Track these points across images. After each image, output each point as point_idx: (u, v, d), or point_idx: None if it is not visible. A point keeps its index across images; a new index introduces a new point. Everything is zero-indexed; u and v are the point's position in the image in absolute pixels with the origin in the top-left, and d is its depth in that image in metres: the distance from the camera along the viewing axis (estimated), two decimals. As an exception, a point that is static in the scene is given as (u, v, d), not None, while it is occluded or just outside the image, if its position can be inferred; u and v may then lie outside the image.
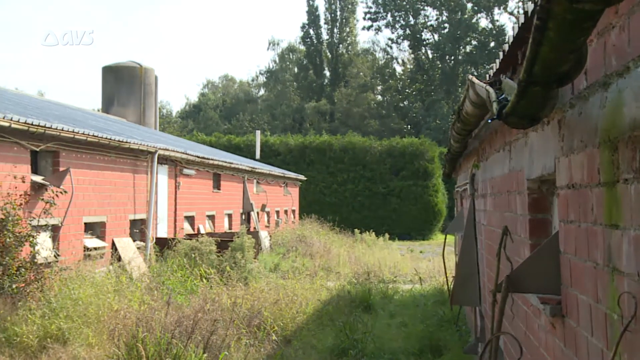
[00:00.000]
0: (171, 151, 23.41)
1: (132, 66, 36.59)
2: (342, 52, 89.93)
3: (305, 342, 13.57)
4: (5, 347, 11.53)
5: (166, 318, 11.52)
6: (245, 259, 19.69)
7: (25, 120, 14.49)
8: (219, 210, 30.57)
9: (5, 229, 13.39)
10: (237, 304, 13.80)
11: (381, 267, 25.73)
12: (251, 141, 55.11)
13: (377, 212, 53.49)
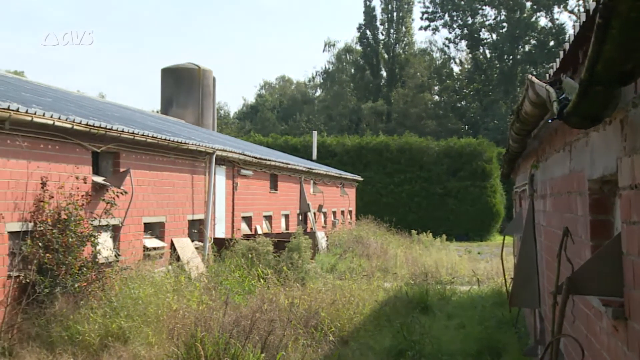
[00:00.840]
0: (229, 152, 23.57)
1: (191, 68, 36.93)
2: (398, 52, 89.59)
3: (362, 342, 13.55)
4: (68, 345, 11.73)
5: (224, 318, 11.60)
6: (302, 260, 19.74)
7: (87, 122, 14.73)
8: (276, 210, 30.68)
9: (68, 229, 13.63)
10: (294, 304, 13.84)
11: (438, 268, 25.57)
12: (308, 142, 55.21)
13: (434, 213, 53.16)
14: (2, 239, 12.69)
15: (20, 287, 12.98)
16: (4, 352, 11.73)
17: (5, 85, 18.42)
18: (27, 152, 13.34)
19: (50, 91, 22.81)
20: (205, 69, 37.18)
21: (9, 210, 12.86)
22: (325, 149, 55.26)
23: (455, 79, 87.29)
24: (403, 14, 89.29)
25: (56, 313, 12.48)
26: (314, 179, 37.42)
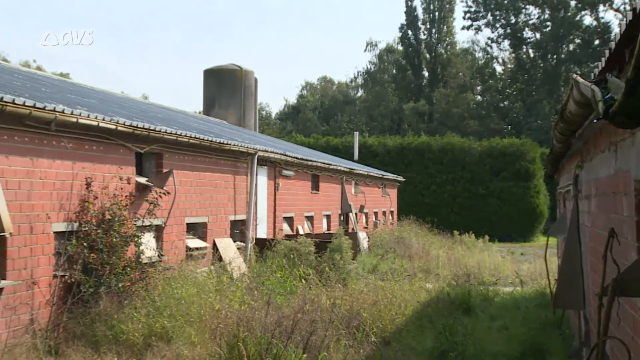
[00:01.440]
0: (270, 152, 23.64)
1: (233, 69, 37.10)
2: (440, 52, 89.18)
3: (404, 343, 13.50)
4: (113, 344, 11.85)
5: (266, 318, 11.63)
6: (343, 260, 19.72)
7: (130, 123, 14.86)
8: (317, 211, 30.71)
9: (112, 229, 13.77)
10: (336, 304, 13.83)
11: (481, 269, 25.39)
12: (349, 142, 55.19)
13: (476, 213, 52.84)
14: (48, 238, 12.87)
15: (65, 287, 13.14)
16: (50, 350, 11.89)
17: (51, 87, 18.67)
18: (72, 153, 13.50)
19: (94, 92, 23.07)
20: (247, 69, 37.33)
21: (55, 211, 13.03)
22: (366, 150, 55.19)
23: (498, 79, 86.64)
24: (445, 14, 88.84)
25: (100, 312, 12.61)
26: (356, 180, 37.37)
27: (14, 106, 11.40)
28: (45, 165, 12.79)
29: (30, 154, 12.42)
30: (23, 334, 11.98)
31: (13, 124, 11.89)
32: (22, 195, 12.20)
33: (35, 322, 12.40)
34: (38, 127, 12.46)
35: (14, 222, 11.76)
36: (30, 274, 12.34)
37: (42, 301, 12.63)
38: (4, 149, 11.75)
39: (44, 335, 12.26)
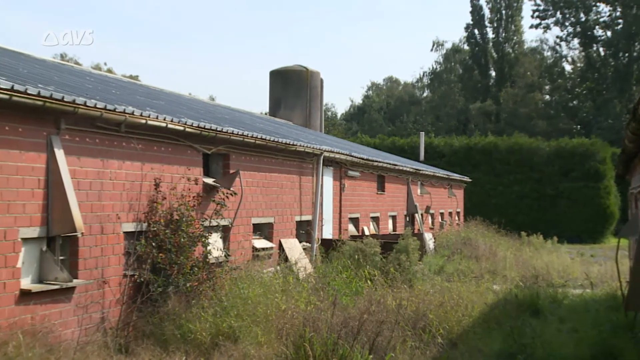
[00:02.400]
0: (336, 153, 23.65)
1: (299, 70, 37.21)
2: (508, 51, 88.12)
3: (471, 345, 13.37)
4: (181, 343, 11.98)
5: (332, 318, 11.63)
6: (409, 261, 19.62)
7: (198, 124, 15.02)
8: (383, 211, 30.63)
9: (180, 229, 13.92)
10: (402, 305, 13.77)
11: (549, 270, 25.00)
12: (415, 143, 54.93)
13: (545, 214, 52.09)
14: (118, 238, 13.09)
15: (135, 286, 13.34)
16: (121, 348, 12.08)
17: (121, 89, 18.97)
18: (141, 154, 13.71)
19: (163, 94, 23.38)
20: (313, 70, 37.41)
21: (125, 211, 13.24)
22: (432, 150, 54.87)
23: (567, 78, 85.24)
24: (512, 13, 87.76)
25: (169, 312, 12.76)
26: (422, 180, 37.18)
27: (85, 108, 11.62)
28: (115, 166, 13.01)
29: (101, 155, 12.65)
30: (94, 332, 12.21)
31: (85, 125, 12.13)
32: (93, 196, 12.43)
33: (106, 320, 12.62)
34: (108, 129, 12.68)
35: (86, 222, 11.99)
36: (101, 273, 12.57)
37: (113, 300, 12.85)
38: (76, 150, 11.99)
39: (114, 333, 12.47)
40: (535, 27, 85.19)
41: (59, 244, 11.82)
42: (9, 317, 10.56)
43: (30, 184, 11.05)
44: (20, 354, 9.70)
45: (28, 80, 11.86)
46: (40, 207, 11.26)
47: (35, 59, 19.13)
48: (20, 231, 10.85)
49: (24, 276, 11.09)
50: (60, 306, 11.63)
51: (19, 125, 10.81)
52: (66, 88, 13.12)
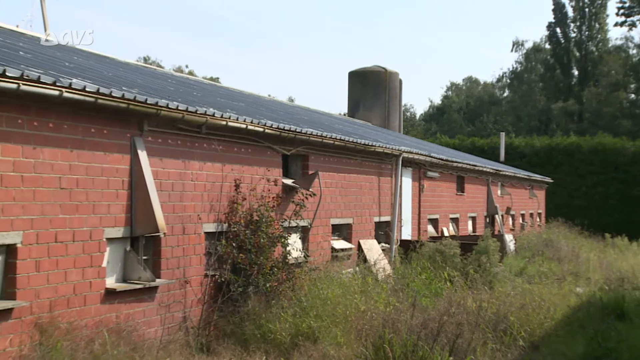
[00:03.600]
0: (415, 154, 23.53)
1: (378, 70, 37.15)
2: (591, 49, 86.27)
3: (554, 348, 13.14)
4: (261, 342, 12.07)
5: (412, 320, 11.58)
6: (489, 263, 19.41)
7: (277, 126, 15.12)
8: (462, 213, 30.37)
9: (260, 230, 14.04)
10: (482, 307, 13.62)
11: (635, 273, 24.37)
12: (495, 143, 54.22)
13: (631, 215, 50.76)
14: (199, 239, 13.27)
15: (215, 286, 13.51)
16: (202, 347, 12.24)
17: (202, 91, 19.24)
18: (221, 156, 13.87)
19: (243, 96, 23.61)
20: (392, 71, 37.30)
21: (206, 212, 13.42)
22: (513, 150, 54.07)
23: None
24: (596, 10, 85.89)
25: (249, 311, 12.87)
26: (502, 181, 36.73)
27: (168, 110, 11.82)
28: (196, 167, 13.19)
29: (183, 156, 12.84)
30: (176, 331, 12.40)
31: (166, 127, 12.33)
32: (175, 197, 12.62)
33: (188, 319, 12.80)
34: (190, 130, 12.87)
35: (168, 222, 12.18)
36: (182, 273, 12.76)
37: (194, 300, 13.03)
38: (158, 152, 12.20)
39: (195, 332, 12.64)
40: (620, 25, 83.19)
41: (142, 244, 12.05)
42: (95, 315, 10.81)
43: (115, 185, 11.29)
44: (105, 352, 9.92)
45: (112, 83, 12.12)
46: (124, 208, 11.49)
47: (119, 62, 19.54)
48: (105, 231, 11.10)
49: (108, 275, 11.34)
50: (144, 305, 11.85)
51: (103, 127, 11.05)
52: (149, 90, 13.37)
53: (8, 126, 9.42)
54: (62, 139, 10.30)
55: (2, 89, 8.90)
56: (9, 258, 9.59)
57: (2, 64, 9.14)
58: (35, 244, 9.85)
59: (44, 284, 10.00)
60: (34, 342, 9.64)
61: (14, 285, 9.58)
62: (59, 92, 9.65)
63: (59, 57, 14.57)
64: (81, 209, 10.64)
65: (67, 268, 10.41)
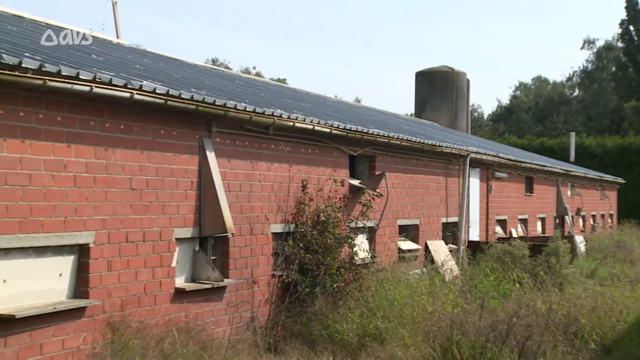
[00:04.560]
0: (483, 154, 23.33)
1: (445, 71, 36.95)
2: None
3: (626, 352, 12.89)
4: (328, 343, 12.09)
5: (480, 321, 11.47)
6: (559, 264, 19.12)
7: (344, 126, 15.14)
8: (531, 213, 30.00)
9: (327, 230, 14.06)
10: (552, 309, 13.42)
11: None
12: (565, 143, 53.41)
13: None
14: (266, 239, 13.35)
15: (283, 286, 13.58)
16: (270, 347, 12.31)
17: (269, 92, 19.37)
18: (288, 156, 13.94)
19: (309, 97, 23.70)
20: (459, 71, 37.05)
21: (273, 212, 13.50)
22: (583, 151, 53.17)
23: None
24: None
25: (316, 312, 12.90)
26: (572, 182, 36.17)
27: (235, 111, 11.92)
28: (264, 168, 13.28)
29: (250, 157, 12.94)
30: (244, 330, 12.50)
31: (234, 128, 12.44)
32: (243, 197, 12.73)
33: (256, 319, 12.89)
34: (257, 131, 12.96)
35: (235, 223, 12.28)
36: (250, 273, 12.85)
37: (262, 300, 13.12)
38: (226, 153, 12.32)
39: (263, 332, 12.73)
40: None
41: (210, 244, 12.17)
42: (164, 314, 10.96)
43: (184, 185, 11.43)
44: (175, 351, 10.05)
45: (182, 85, 12.28)
46: (193, 208, 11.63)
47: (188, 64, 19.79)
48: (174, 231, 11.24)
49: (178, 275, 11.48)
50: (212, 305, 11.97)
51: (173, 128, 11.20)
52: (217, 92, 13.51)
53: (81, 128, 9.61)
54: (133, 141, 10.48)
55: (76, 92, 9.09)
56: (81, 258, 9.79)
57: (75, 67, 9.34)
58: (107, 243, 10.03)
59: (116, 283, 10.18)
60: (106, 340, 9.81)
61: (87, 285, 9.77)
62: (130, 94, 9.81)
63: (130, 59, 14.82)
64: (151, 209, 10.80)
65: (138, 268, 10.57)
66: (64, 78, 8.87)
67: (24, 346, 8.76)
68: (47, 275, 9.38)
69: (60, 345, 9.27)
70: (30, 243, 8.93)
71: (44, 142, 9.06)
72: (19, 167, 8.73)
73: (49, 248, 9.32)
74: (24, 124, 8.80)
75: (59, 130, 9.28)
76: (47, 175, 9.11)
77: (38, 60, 8.80)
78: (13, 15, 15.47)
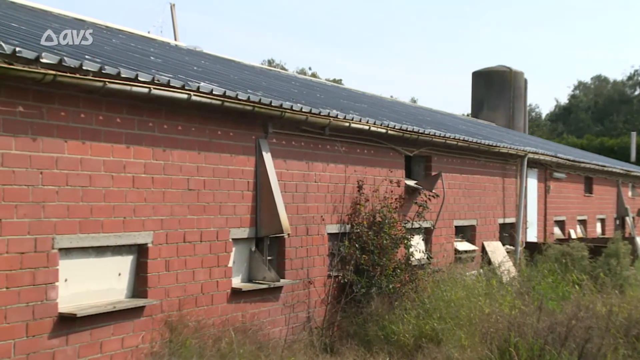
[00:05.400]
0: (540, 154, 23.07)
1: (502, 70, 36.64)
2: None
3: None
4: (384, 344, 12.07)
5: (538, 323, 11.33)
6: (620, 266, 18.81)
7: (400, 127, 15.10)
8: (590, 214, 29.56)
9: (383, 231, 14.03)
10: (612, 312, 13.19)
11: None
12: (625, 143, 52.50)
13: None
14: (322, 239, 13.38)
15: (338, 287, 13.59)
16: (326, 348, 12.33)
17: (325, 92, 19.40)
18: (344, 157, 13.95)
19: (365, 97, 23.68)
20: (517, 70, 36.69)
21: (329, 213, 13.52)
22: (645, 151, 52.23)
23: None
24: None
25: (372, 312, 12.88)
26: (633, 182, 35.56)
27: (292, 112, 11.97)
28: (319, 169, 13.31)
29: (306, 157, 12.98)
30: (300, 331, 12.54)
31: (290, 129, 12.49)
32: (299, 198, 12.77)
33: (312, 320, 12.93)
34: (313, 132, 12.99)
35: (291, 223, 12.32)
36: (306, 274, 12.88)
37: (318, 300, 13.15)
38: (282, 153, 12.37)
39: (319, 332, 12.75)
40: None
41: (266, 245, 12.23)
42: (221, 314, 11.05)
43: (240, 186, 11.51)
44: (232, 350, 10.12)
45: (238, 86, 12.36)
46: (250, 209, 11.70)
47: (244, 65, 19.93)
48: (231, 232, 11.32)
49: (234, 275, 11.57)
50: (269, 305, 12.03)
51: (229, 129, 11.28)
52: (273, 93, 13.57)
53: (140, 129, 9.74)
54: (190, 141, 10.58)
55: (135, 93, 9.21)
56: (140, 257, 9.91)
57: (134, 69, 9.47)
58: (165, 243, 10.14)
59: (173, 283, 10.29)
60: (164, 339, 9.92)
61: (145, 284, 9.89)
62: (188, 96, 9.91)
63: (188, 61, 14.98)
64: (208, 209, 10.89)
65: (195, 268, 10.67)
66: (123, 80, 9.00)
67: (84, 344, 8.91)
68: (107, 274, 9.53)
69: (120, 344, 9.41)
70: (90, 243, 9.08)
71: (104, 144, 9.21)
72: (79, 168, 8.88)
73: (108, 248, 9.46)
74: (85, 125, 8.94)
75: (118, 131, 9.42)
76: (106, 176, 9.25)
77: (98, 62, 8.95)
78: (74, 18, 15.74)
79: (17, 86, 8.06)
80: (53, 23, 13.07)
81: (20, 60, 7.80)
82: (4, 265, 8.01)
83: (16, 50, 7.73)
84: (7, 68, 7.60)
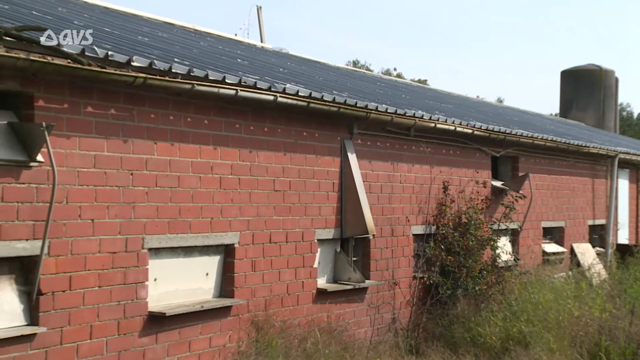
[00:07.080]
0: (632, 154, 22.53)
1: (592, 69, 35.88)
2: None
3: None
4: (470, 346, 11.95)
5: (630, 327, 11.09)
6: None
7: (486, 127, 14.94)
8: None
9: (469, 232, 13.90)
10: None
11: None
12: None
13: None
14: (407, 241, 13.33)
15: (424, 288, 13.51)
16: (411, 349, 12.28)
17: (410, 93, 19.32)
18: (429, 158, 13.87)
19: (451, 98, 23.49)
20: (607, 69, 35.87)
21: (414, 214, 13.46)
22: None
23: None
24: None
25: (458, 314, 12.77)
26: None
27: (377, 113, 11.96)
28: (404, 170, 13.26)
29: (391, 158, 12.95)
30: (385, 332, 12.50)
31: (375, 130, 12.48)
32: (384, 199, 12.74)
33: (397, 321, 12.88)
34: (398, 133, 12.96)
35: (376, 224, 12.31)
36: (391, 275, 12.84)
37: (403, 301, 13.09)
38: (367, 154, 12.37)
39: (404, 334, 12.69)
40: None
41: (351, 246, 12.24)
42: (307, 314, 11.11)
43: (325, 187, 11.54)
44: (317, 351, 10.16)
45: (323, 88, 12.41)
46: (335, 210, 11.73)
47: (329, 66, 19.98)
48: (316, 232, 11.37)
49: (319, 276, 11.61)
50: (354, 306, 12.04)
51: (315, 130, 11.33)
52: (358, 94, 13.58)
53: (227, 131, 9.87)
54: (276, 143, 10.67)
55: (222, 95, 9.32)
56: (227, 257, 10.04)
57: (222, 71, 9.60)
58: (251, 244, 10.24)
59: (260, 283, 10.38)
60: (250, 339, 10.02)
61: (232, 284, 10.01)
62: (274, 97, 9.99)
63: (274, 63, 15.11)
64: (294, 210, 10.96)
65: (281, 268, 10.75)
66: (211, 82, 9.13)
67: (173, 343, 9.07)
68: (195, 274, 9.68)
69: (208, 343, 9.55)
70: (178, 243, 9.24)
71: (192, 145, 9.36)
72: (168, 169, 9.04)
73: (196, 248, 9.61)
74: (174, 127, 9.11)
75: (205, 133, 9.56)
76: (194, 177, 9.40)
77: (187, 65, 9.10)
78: (164, 22, 16.04)
79: (108, 89, 8.25)
80: (144, 27, 13.34)
81: (112, 64, 7.99)
82: (97, 264, 8.21)
83: (108, 54, 7.93)
84: (99, 72, 7.79)
